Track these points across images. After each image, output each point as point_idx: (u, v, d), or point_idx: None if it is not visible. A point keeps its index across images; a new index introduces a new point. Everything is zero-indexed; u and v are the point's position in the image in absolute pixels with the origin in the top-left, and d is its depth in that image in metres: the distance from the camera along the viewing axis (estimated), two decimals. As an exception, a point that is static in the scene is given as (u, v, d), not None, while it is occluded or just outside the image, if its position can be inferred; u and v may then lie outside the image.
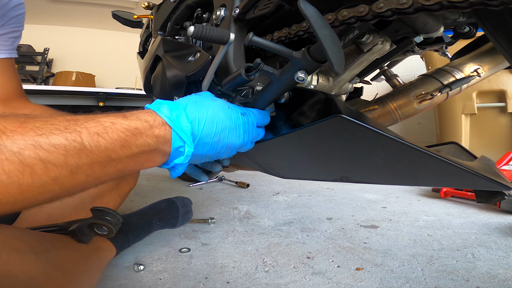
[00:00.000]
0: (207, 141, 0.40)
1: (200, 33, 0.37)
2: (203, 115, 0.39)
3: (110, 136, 0.31)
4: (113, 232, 0.59)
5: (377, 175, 0.41)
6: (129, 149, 0.33)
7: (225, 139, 0.41)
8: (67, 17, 4.17)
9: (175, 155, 0.38)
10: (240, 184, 1.50)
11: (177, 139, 0.37)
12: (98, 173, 0.31)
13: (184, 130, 0.37)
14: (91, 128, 0.30)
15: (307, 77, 0.37)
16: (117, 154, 0.32)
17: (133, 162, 0.34)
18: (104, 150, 0.31)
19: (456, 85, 0.58)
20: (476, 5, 0.29)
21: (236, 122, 0.42)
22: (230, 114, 0.42)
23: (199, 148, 0.40)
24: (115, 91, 3.09)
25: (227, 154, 0.44)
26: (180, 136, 0.37)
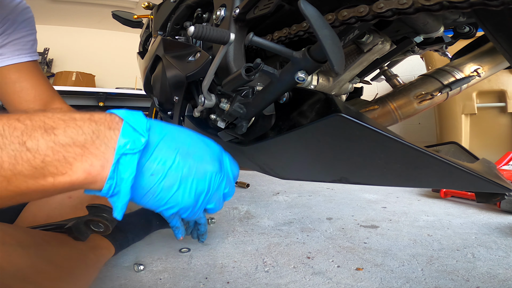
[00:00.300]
0: (171, 146, 0.32)
1: (200, 33, 0.37)
2: (170, 127, 0.33)
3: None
4: (109, 229, 0.59)
5: (376, 176, 0.41)
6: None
7: (196, 158, 0.33)
8: (67, 17, 4.17)
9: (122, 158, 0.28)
10: (240, 184, 1.50)
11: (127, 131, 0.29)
12: (6, 167, 0.24)
13: (139, 122, 0.30)
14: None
15: (307, 77, 0.37)
16: (35, 142, 0.25)
17: (55, 156, 0.26)
18: (21, 132, 0.25)
19: (456, 85, 0.58)
20: (476, 5, 0.29)
21: (207, 144, 0.36)
22: (201, 137, 0.36)
23: (160, 151, 0.31)
24: (115, 91, 3.10)
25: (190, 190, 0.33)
26: (132, 125, 0.29)
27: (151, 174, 0.29)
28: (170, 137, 0.32)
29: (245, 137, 0.53)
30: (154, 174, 0.29)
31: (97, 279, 0.61)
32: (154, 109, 1.44)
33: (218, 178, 0.34)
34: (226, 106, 0.51)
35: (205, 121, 0.67)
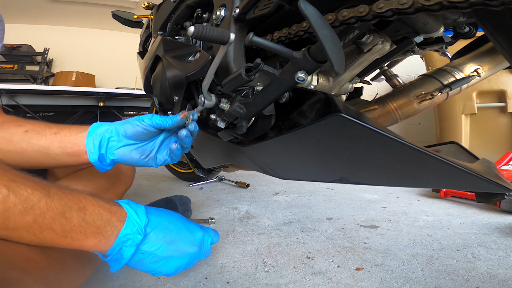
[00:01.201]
0: (159, 238, 0.44)
1: (200, 33, 0.37)
2: (162, 220, 0.46)
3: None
4: None
5: (376, 176, 0.41)
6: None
7: (179, 245, 0.46)
8: (67, 17, 4.17)
9: (122, 241, 0.40)
10: (240, 184, 1.50)
11: (130, 223, 0.41)
12: (45, 223, 0.35)
13: (139, 218, 0.42)
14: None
15: (307, 77, 0.37)
16: (70, 214, 0.37)
17: (79, 229, 0.37)
18: (64, 204, 0.37)
19: (456, 85, 0.58)
20: (476, 5, 0.29)
21: (191, 231, 0.49)
22: (188, 226, 0.49)
23: (148, 242, 0.43)
24: (115, 91, 3.10)
25: (172, 265, 0.46)
26: (134, 219, 0.42)
27: (141, 252, 0.42)
28: (161, 229, 0.44)
29: (245, 137, 0.53)
30: (143, 253, 0.42)
31: (97, 279, 0.61)
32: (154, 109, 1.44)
33: (196, 256, 0.48)
34: (226, 106, 0.51)
35: (205, 121, 0.67)
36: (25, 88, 2.78)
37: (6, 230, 0.33)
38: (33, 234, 0.34)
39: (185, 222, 0.49)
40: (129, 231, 0.40)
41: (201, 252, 0.49)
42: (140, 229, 0.41)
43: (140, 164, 0.53)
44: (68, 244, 0.37)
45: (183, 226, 0.48)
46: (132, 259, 0.42)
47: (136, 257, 0.42)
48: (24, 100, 2.77)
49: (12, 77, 3.86)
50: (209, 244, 0.51)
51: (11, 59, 3.80)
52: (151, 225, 0.43)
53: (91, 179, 0.68)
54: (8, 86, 2.65)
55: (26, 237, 0.35)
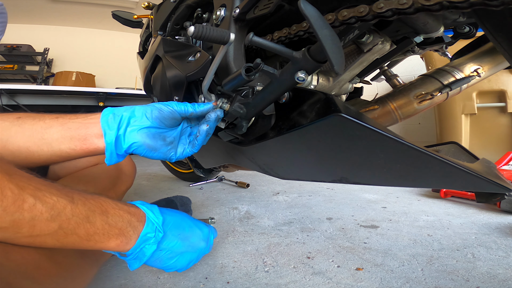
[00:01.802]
0: (175, 234, 0.47)
1: (200, 33, 0.37)
2: (174, 218, 0.49)
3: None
4: None
5: (376, 176, 0.41)
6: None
7: (192, 240, 0.50)
8: (67, 17, 4.17)
9: (143, 240, 0.43)
10: (240, 184, 1.50)
11: (149, 223, 0.44)
12: (70, 229, 0.36)
13: (156, 218, 0.45)
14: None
15: (307, 77, 0.37)
16: (93, 218, 0.38)
17: (102, 232, 0.39)
18: (87, 209, 0.38)
19: (456, 85, 0.58)
20: (476, 5, 0.29)
21: (200, 228, 0.52)
22: (196, 223, 0.53)
23: (166, 238, 0.46)
24: (115, 91, 3.10)
25: (185, 260, 0.49)
26: (153, 219, 0.44)
27: (160, 249, 0.44)
28: (175, 226, 0.47)
29: (245, 137, 0.53)
30: (161, 250, 0.45)
31: (97, 279, 0.61)
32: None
33: (204, 250, 0.52)
34: (226, 106, 0.51)
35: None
36: (25, 88, 2.78)
37: (31, 237, 0.34)
38: (56, 239, 0.35)
39: (193, 219, 0.52)
40: (149, 230, 0.43)
41: (207, 247, 0.52)
42: (159, 227, 0.44)
43: (161, 153, 0.47)
44: (90, 246, 0.38)
45: (192, 223, 0.51)
46: (152, 257, 0.44)
47: (156, 254, 0.44)
48: (24, 100, 2.77)
49: (12, 77, 3.86)
50: (212, 239, 0.54)
51: (11, 59, 3.80)
52: (166, 223, 0.46)
53: (92, 179, 0.68)
54: (8, 86, 2.64)
55: (49, 242, 0.35)
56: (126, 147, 0.44)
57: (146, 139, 0.45)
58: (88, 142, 0.44)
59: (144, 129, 0.45)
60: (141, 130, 0.45)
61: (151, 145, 0.45)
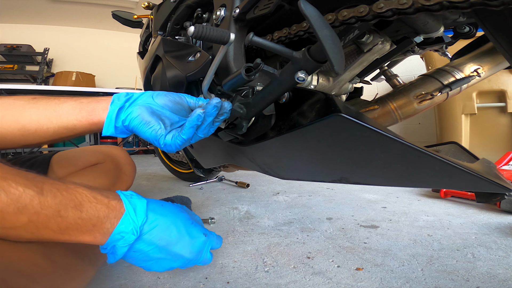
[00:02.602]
0: (154, 241, 0.42)
1: (200, 33, 0.37)
2: (161, 216, 0.43)
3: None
4: None
5: (376, 176, 0.41)
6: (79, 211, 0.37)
7: (175, 248, 0.43)
8: (67, 17, 4.17)
9: (116, 238, 0.39)
10: (240, 184, 1.50)
11: (126, 221, 0.39)
12: (40, 222, 0.34)
13: (137, 216, 0.40)
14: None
15: (307, 77, 0.37)
16: (65, 212, 0.35)
17: (75, 226, 0.37)
18: (58, 203, 0.35)
19: (456, 85, 0.58)
20: (476, 5, 0.29)
21: (197, 239, 0.46)
22: (192, 229, 0.46)
23: (142, 242, 0.41)
24: (115, 91, 3.10)
25: (166, 265, 0.44)
26: (131, 217, 0.40)
27: (134, 250, 0.41)
28: (160, 229, 0.42)
29: (245, 137, 0.53)
30: (136, 251, 0.41)
31: (97, 279, 0.61)
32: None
33: (190, 262, 0.45)
34: None
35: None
36: (25, 88, 2.78)
37: (4, 229, 0.33)
38: (30, 232, 0.34)
39: (189, 225, 0.46)
40: (123, 229, 0.39)
41: (197, 259, 0.47)
42: (135, 228, 0.40)
43: (153, 130, 0.45)
44: (66, 239, 0.37)
45: (184, 230, 0.45)
46: (126, 256, 0.41)
47: (129, 254, 0.41)
48: (24, 100, 2.76)
49: (12, 77, 3.86)
50: (209, 252, 0.48)
51: (11, 59, 3.80)
52: (149, 224, 0.42)
53: (91, 178, 0.68)
54: (8, 86, 2.65)
55: (24, 235, 0.35)
56: (123, 117, 0.45)
57: (144, 112, 0.45)
58: (94, 113, 0.45)
59: (146, 105, 0.46)
60: (143, 105, 0.46)
61: (146, 119, 0.45)
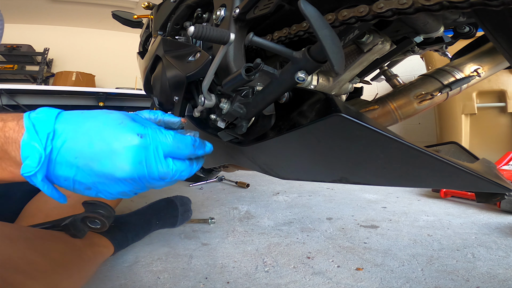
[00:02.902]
0: (71, 160, 0.32)
1: (200, 33, 0.37)
2: (75, 125, 0.33)
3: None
4: (106, 225, 0.59)
5: (376, 176, 0.41)
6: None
7: (99, 165, 0.31)
8: (67, 17, 4.17)
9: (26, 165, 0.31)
10: (240, 184, 1.50)
11: (30, 142, 0.31)
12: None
13: (39, 133, 0.32)
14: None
15: (307, 77, 0.37)
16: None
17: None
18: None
19: (456, 85, 0.58)
20: (476, 5, 0.29)
21: (124, 144, 0.32)
22: (118, 132, 0.32)
23: (61, 166, 0.32)
24: (115, 91, 3.10)
25: (110, 190, 0.34)
26: (30, 136, 0.31)
27: (57, 178, 0.33)
28: (72, 142, 0.33)
29: (245, 137, 0.53)
30: (60, 179, 0.32)
31: (97, 279, 0.61)
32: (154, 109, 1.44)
33: (140, 182, 0.33)
34: (226, 106, 0.51)
35: (205, 121, 0.67)
36: (25, 88, 2.78)
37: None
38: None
39: (113, 127, 0.33)
40: (28, 153, 0.31)
41: (147, 175, 0.32)
42: (38, 150, 0.31)
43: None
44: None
45: (107, 136, 0.32)
46: (60, 184, 0.33)
47: (59, 183, 0.33)
48: (24, 100, 2.77)
49: (12, 77, 3.86)
50: (171, 161, 0.34)
51: (11, 59, 3.80)
52: (57, 139, 0.32)
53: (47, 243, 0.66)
54: (8, 86, 2.65)
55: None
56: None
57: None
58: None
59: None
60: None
61: None
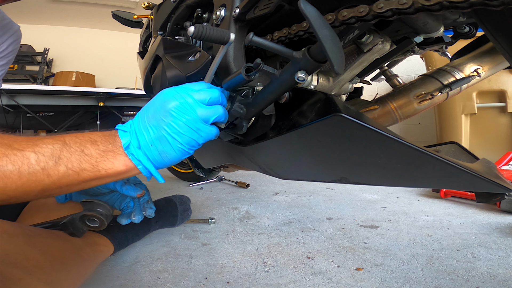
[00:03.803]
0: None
1: (200, 33, 0.37)
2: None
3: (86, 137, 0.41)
4: (104, 224, 0.60)
5: (376, 176, 0.41)
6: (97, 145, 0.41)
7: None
8: (67, 17, 4.17)
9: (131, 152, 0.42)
10: (240, 184, 1.50)
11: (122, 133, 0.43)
12: (76, 166, 0.38)
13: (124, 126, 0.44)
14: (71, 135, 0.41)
15: (307, 77, 0.37)
16: (88, 149, 0.40)
17: (101, 157, 0.40)
18: (79, 145, 0.40)
19: (456, 85, 0.58)
20: (476, 5, 0.29)
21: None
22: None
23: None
24: (115, 91, 3.09)
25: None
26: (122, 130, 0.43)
27: (139, 147, 0.42)
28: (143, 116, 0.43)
29: (245, 137, 0.53)
30: (140, 147, 0.42)
31: (97, 279, 0.61)
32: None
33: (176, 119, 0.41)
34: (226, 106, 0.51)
35: (205, 121, 0.67)
36: (25, 88, 2.78)
37: (53, 184, 0.37)
38: (74, 179, 0.38)
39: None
40: (126, 142, 0.41)
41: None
42: (130, 134, 0.42)
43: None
44: (103, 175, 0.40)
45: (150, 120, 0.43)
46: (146, 155, 0.42)
47: (142, 151, 0.42)
48: (24, 100, 2.77)
49: (12, 77, 3.86)
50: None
51: (11, 59, 3.79)
52: (134, 134, 0.42)
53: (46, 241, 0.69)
54: (8, 86, 2.64)
55: (70, 183, 0.38)
56: None
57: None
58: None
59: None
60: None
61: None
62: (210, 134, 0.43)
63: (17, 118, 2.87)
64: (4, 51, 0.82)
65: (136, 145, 0.41)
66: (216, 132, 0.44)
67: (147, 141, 0.41)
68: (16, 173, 0.35)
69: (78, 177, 0.39)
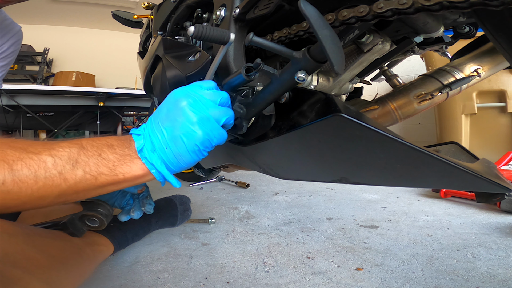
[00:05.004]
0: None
1: (200, 33, 0.37)
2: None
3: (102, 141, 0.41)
4: (104, 224, 0.60)
5: (376, 176, 0.41)
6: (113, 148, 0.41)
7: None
8: (67, 17, 4.17)
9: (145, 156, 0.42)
10: (240, 184, 1.50)
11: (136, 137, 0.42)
12: (93, 170, 0.38)
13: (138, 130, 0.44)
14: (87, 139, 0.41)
15: (307, 77, 0.37)
16: (105, 153, 0.40)
17: (118, 161, 0.40)
18: (97, 148, 0.39)
19: (456, 85, 0.58)
20: (476, 5, 0.29)
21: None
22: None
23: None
24: (115, 91, 3.09)
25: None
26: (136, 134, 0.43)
27: (153, 150, 0.42)
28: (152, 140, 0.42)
29: (245, 137, 0.53)
30: (154, 150, 0.42)
31: (97, 279, 0.61)
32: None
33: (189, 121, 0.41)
34: None
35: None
36: (25, 88, 2.78)
37: (70, 189, 0.37)
38: (92, 184, 0.38)
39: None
40: (140, 145, 0.41)
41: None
42: (143, 136, 0.42)
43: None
44: (121, 180, 0.40)
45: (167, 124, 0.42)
46: (164, 162, 0.41)
47: (156, 155, 0.41)
48: (24, 100, 2.77)
49: (12, 77, 3.86)
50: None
51: (11, 59, 3.79)
52: (148, 137, 0.42)
53: None
54: (8, 86, 2.64)
55: (90, 190, 0.38)
56: None
57: None
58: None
59: None
60: None
61: None
62: (222, 136, 0.43)
63: (17, 118, 2.87)
64: (5, 52, 0.82)
65: (150, 148, 0.41)
66: (226, 135, 0.44)
67: (162, 144, 0.40)
68: (32, 177, 0.34)
69: (96, 181, 0.38)
